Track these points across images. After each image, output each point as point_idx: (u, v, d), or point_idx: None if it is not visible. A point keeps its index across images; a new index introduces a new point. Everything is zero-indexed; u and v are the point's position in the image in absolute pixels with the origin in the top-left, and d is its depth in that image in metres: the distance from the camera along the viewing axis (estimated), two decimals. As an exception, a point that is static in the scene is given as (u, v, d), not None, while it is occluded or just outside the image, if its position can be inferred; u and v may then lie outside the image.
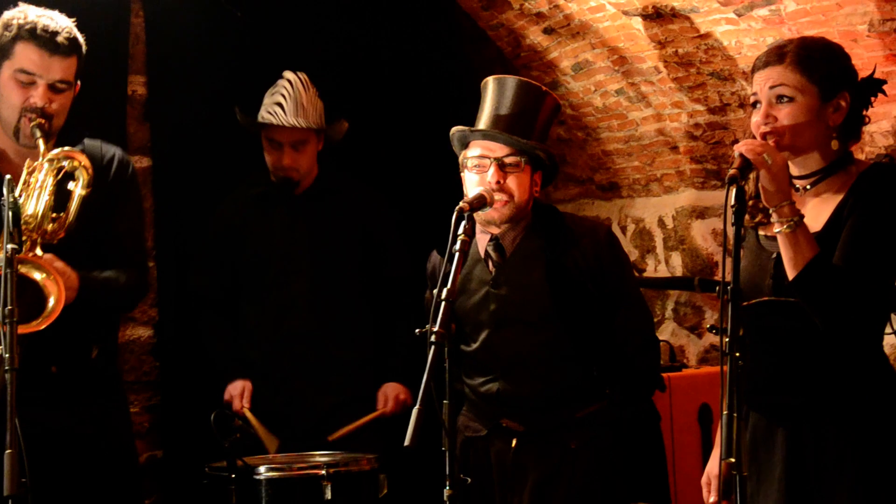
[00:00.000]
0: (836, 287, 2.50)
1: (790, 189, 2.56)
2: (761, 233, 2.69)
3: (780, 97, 2.60)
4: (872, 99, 2.70)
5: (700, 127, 4.58)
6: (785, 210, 2.50)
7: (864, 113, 2.70)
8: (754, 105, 2.65)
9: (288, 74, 4.05)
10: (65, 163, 3.09)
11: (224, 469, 3.33)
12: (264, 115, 4.01)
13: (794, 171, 2.65)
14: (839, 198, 2.60)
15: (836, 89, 2.62)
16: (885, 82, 2.72)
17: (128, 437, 3.41)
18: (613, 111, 4.91)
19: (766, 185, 2.50)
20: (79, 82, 3.24)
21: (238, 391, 3.99)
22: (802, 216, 2.51)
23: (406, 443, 2.53)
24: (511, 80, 3.19)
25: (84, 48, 3.22)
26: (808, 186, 2.65)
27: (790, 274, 2.51)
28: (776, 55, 2.63)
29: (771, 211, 2.51)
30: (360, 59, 4.93)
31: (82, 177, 3.08)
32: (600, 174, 5.35)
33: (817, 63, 2.61)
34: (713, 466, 2.85)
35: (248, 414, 3.92)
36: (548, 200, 5.48)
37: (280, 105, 3.99)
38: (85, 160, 3.09)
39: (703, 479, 2.87)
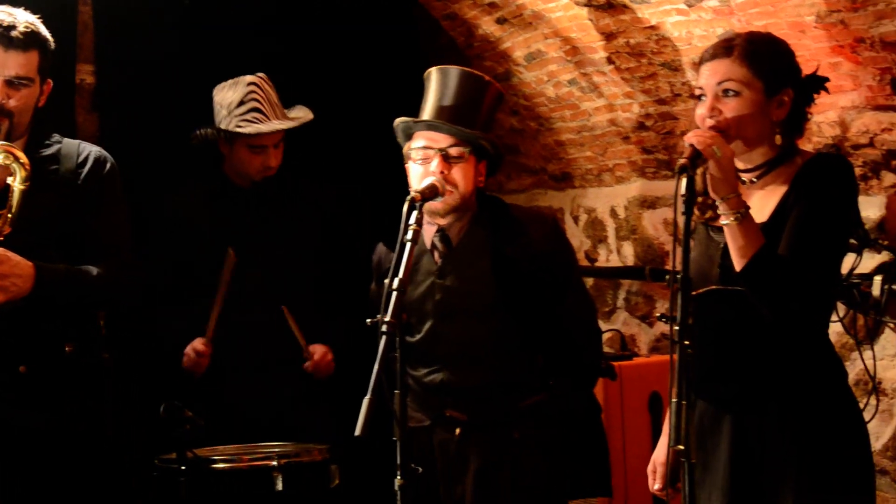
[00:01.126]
0: (782, 277, 2.54)
1: (737, 181, 2.58)
2: (711, 222, 2.71)
3: (726, 91, 2.63)
4: (815, 96, 2.73)
5: (651, 117, 4.61)
6: (732, 201, 2.53)
7: (807, 110, 2.73)
8: (699, 97, 2.68)
9: (249, 78, 4.04)
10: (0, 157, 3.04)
11: (174, 461, 3.31)
12: (246, 125, 3.98)
13: (739, 164, 2.68)
14: (784, 189, 2.63)
15: (780, 85, 2.66)
16: (827, 80, 2.76)
17: (115, 434, 3.36)
18: (566, 101, 4.93)
19: (714, 175, 2.53)
20: (49, 80, 3.21)
21: (192, 347, 3.99)
22: (748, 208, 2.54)
23: (357, 432, 2.53)
24: (454, 71, 3.20)
25: (50, 43, 3.18)
26: (755, 179, 2.69)
27: (737, 264, 2.54)
28: (724, 48, 2.66)
29: (718, 202, 2.54)
30: (311, 49, 4.91)
31: (18, 172, 3.03)
32: (553, 164, 5.37)
33: (764, 58, 2.65)
34: (659, 454, 2.88)
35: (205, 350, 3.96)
36: (501, 191, 5.51)
37: (259, 111, 4.00)
38: (22, 156, 3.04)
39: (649, 468, 2.90)
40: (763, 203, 2.66)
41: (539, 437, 3.17)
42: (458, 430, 3.18)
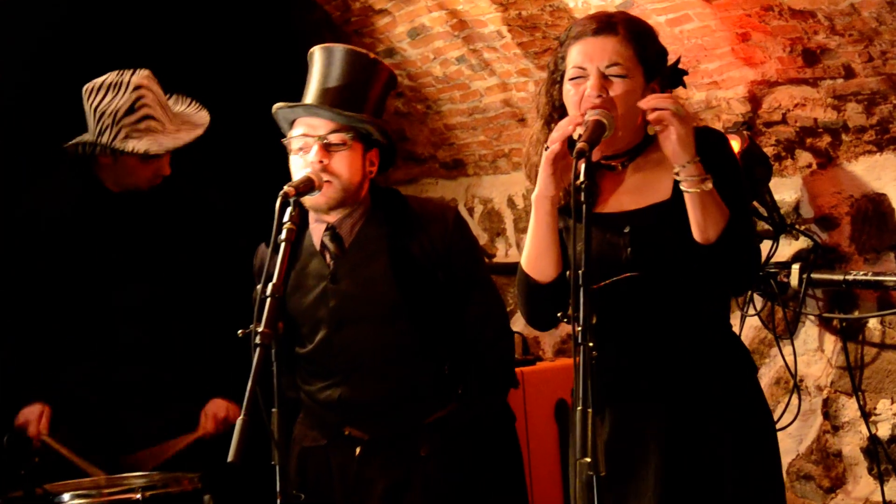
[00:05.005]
0: (752, 248, 2.66)
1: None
2: (596, 210, 2.73)
3: (614, 73, 2.65)
4: (669, 89, 2.79)
5: (548, 96, 4.64)
6: (693, 168, 2.56)
7: None
8: (577, 77, 2.67)
9: (134, 80, 3.78)
10: None
11: (20, 499, 3.24)
12: (140, 138, 3.77)
13: (603, 152, 2.70)
14: (666, 168, 2.66)
15: (655, 73, 2.71)
16: (686, 73, 2.82)
17: None
18: (455, 81, 4.94)
19: (678, 140, 2.55)
20: None
21: (35, 415, 3.87)
22: (711, 175, 2.58)
23: (230, 458, 2.51)
24: (339, 50, 3.17)
25: None
26: (625, 164, 2.73)
27: (705, 237, 2.57)
28: (607, 25, 2.67)
29: (680, 169, 2.56)
30: (172, 27, 4.83)
31: None
32: (443, 151, 5.38)
33: (646, 42, 2.70)
34: None
35: (49, 440, 3.81)
36: (386, 182, 5.50)
37: (151, 118, 3.75)
38: None
39: None
40: (647, 184, 2.70)
41: (449, 451, 3.16)
42: (358, 450, 3.17)
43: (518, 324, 5.13)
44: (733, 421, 2.70)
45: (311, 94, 3.15)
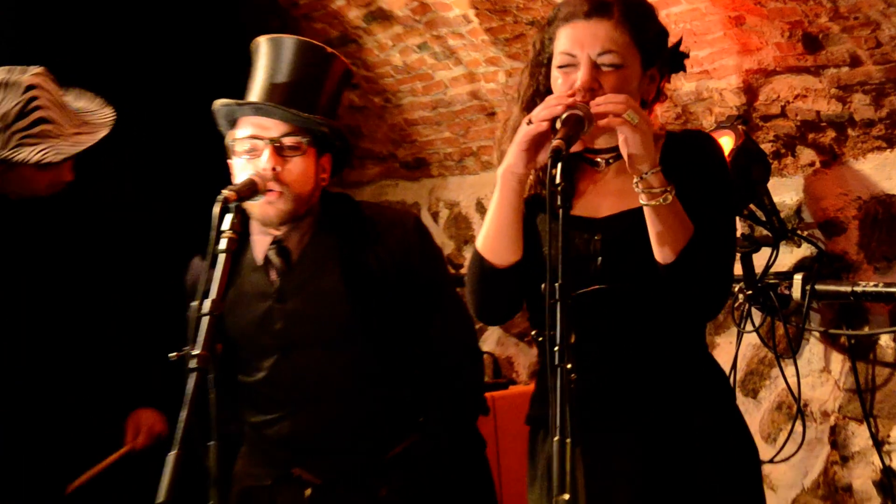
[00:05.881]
0: (717, 272, 2.62)
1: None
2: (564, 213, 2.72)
3: (607, 62, 2.64)
4: (669, 75, 2.79)
5: (521, 88, 4.65)
6: (654, 179, 2.55)
7: (662, 87, 2.79)
8: (566, 66, 2.65)
9: (25, 80, 3.73)
10: None
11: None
12: (36, 146, 3.76)
13: (587, 142, 2.69)
14: None
15: (654, 58, 2.69)
16: (687, 56, 2.81)
17: None
18: (416, 71, 4.94)
19: (633, 149, 2.53)
20: None
21: None
22: (674, 186, 2.56)
23: (160, 498, 2.48)
24: (289, 41, 3.15)
25: None
26: (612, 160, 2.72)
27: (662, 255, 2.56)
28: (600, 6, 2.64)
29: (638, 180, 2.54)
30: (98, 16, 4.81)
31: None
32: (404, 149, 5.38)
33: (644, 24, 2.67)
34: None
35: None
36: (340, 184, 5.48)
37: (47, 121, 3.71)
38: None
39: None
40: (631, 187, 2.67)
41: (412, 490, 3.14)
42: (308, 491, 3.15)
43: (489, 342, 5.14)
44: (714, 457, 2.69)
45: (258, 91, 3.12)
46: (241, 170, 3.09)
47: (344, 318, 3.13)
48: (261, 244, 3.18)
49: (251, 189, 3.00)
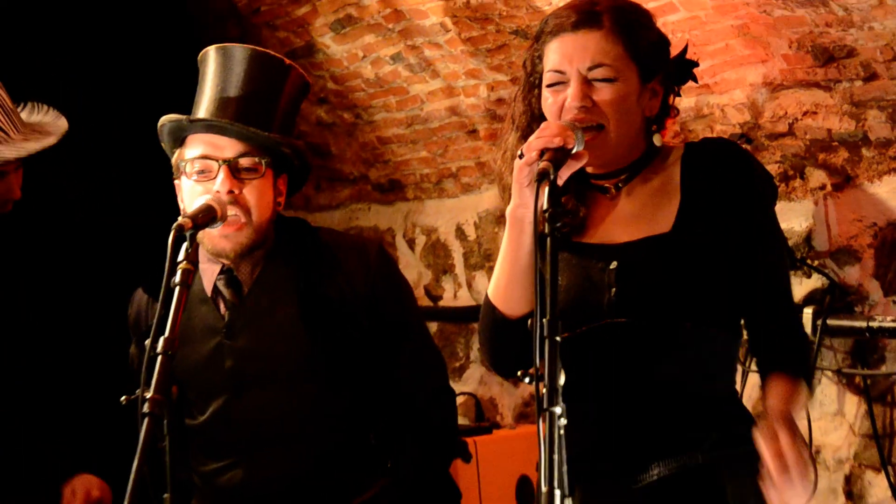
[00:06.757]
0: (800, 338, 2.76)
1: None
2: (576, 240, 2.75)
3: (599, 76, 2.66)
4: (676, 88, 2.81)
5: (504, 102, 4.66)
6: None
7: (671, 102, 2.81)
8: (556, 83, 2.67)
9: None
10: None
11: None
12: None
13: (599, 170, 2.72)
14: (669, 192, 2.68)
15: (655, 70, 2.70)
16: (696, 64, 2.83)
17: None
18: (390, 84, 4.95)
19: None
20: None
21: None
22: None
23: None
24: (240, 51, 3.14)
25: None
26: (621, 184, 2.74)
27: None
28: (588, 16, 2.65)
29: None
30: (45, 22, 4.83)
31: None
32: (377, 170, 5.39)
33: (640, 34, 2.68)
34: None
35: None
36: (308, 209, 5.50)
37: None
38: None
39: None
40: (646, 212, 2.68)
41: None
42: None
43: (470, 382, 5.14)
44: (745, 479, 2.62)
45: (208, 105, 3.11)
46: (192, 193, 3.06)
47: (301, 354, 3.13)
48: (209, 273, 3.16)
49: (209, 215, 2.97)
